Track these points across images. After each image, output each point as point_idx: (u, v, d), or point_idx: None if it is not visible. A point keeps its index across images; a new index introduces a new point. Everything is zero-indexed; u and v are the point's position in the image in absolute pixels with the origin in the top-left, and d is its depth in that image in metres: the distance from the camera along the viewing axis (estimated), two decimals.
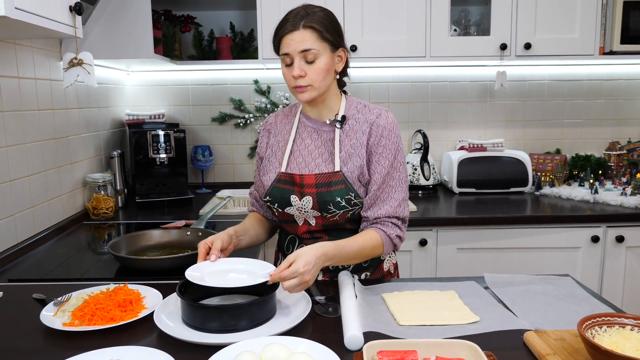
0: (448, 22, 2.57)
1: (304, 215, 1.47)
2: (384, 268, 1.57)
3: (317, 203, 1.42)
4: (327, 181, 1.42)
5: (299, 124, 1.54)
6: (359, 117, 1.47)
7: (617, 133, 3.08)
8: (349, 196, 1.42)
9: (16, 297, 1.40)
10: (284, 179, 1.47)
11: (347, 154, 1.44)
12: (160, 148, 2.63)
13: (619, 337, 0.95)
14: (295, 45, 1.37)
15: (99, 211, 2.34)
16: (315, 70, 1.38)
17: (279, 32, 1.40)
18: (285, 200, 1.46)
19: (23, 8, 1.26)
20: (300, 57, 1.38)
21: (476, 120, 3.06)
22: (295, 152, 1.50)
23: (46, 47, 2.06)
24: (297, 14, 1.39)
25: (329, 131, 1.49)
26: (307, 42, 1.36)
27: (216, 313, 1.14)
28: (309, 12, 1.39)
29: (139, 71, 2.97)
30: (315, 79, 1.39)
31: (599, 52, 2.61)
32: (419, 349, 0.97)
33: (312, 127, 1.51)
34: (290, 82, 1.42)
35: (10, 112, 1.79)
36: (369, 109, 1.49)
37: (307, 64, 1.38)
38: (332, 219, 1.45)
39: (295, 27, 1.37)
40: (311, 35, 1.37)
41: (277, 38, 1.41)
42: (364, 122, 1.46)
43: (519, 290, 1.37)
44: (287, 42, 1.38)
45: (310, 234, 1.50)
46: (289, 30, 1.37)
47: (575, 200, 2.58)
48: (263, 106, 3.00)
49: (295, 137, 1.52)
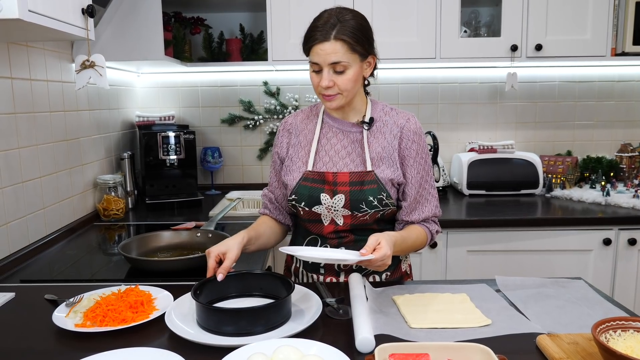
0: (458, 23, 2.56)
1: (333, 214, 1.47)
2: (402, 268, 1.60)
3: (349, 201, 1.44)
4: (359, 180, 1.44)
5: (323, 124, 1.54)
6: (387, 120, 1.50)
7: (629, 135, 3.05)
8: (381, 196, 1.44)
9: (28, 298, 1.41)
10: (312, 177, 1.47)
11: (378, 156, 1.46)
12: (170, 149, 2.64)
13: (634, 342, 0.94)
14: (325, 57, 1.36)
15: (110, 212, 2.35)
16: (344, 81, 1.39)
17: (309, 39, 1.39)
18: (314, 199, 1.46)
19: (36, 11, 1.27)
20: (329, 68, 1.38)
21: (486, 122, 3.05)
22: (320, 152, 1.50)
23: (58, 50, 2.08)
24: (327, 22, 1.36)
25: (356, 132, 1.50)
26: (337, 54, 1.36)
27: (232, 316, 1.13)
28: (340, 20, 1.36)
29: (149, 73, 2.98)
30: (343, 89, 1.40)
31: (610, 53, 2.59)
32: (431, 352, 0.96)
33: (338, 128, 1.52)
34: (318, 89, 1.42)
35: (22, 114, 1.80)
36: (396, 113, 1.52)
37: (336, 73, 1.38)
38: (362, 219, 1.46)
39: (326, 37, 1.35)
40: (341, 48, 1.35)
41: (307, 45, 1.40)
42: (393, 125, 1.49)
43: (531, 293, 1.36)
44: (316, 51, 1.37)
45: (336, 234, 1.50)
46: (319, 40, 1.36)
47: (587, 202, 2.56)
48: (272, 108, 3.00)
49: (320, 137, 1.52)
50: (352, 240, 1.49)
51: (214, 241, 1.75)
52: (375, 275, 1.54)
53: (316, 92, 1.44)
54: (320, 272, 1.53)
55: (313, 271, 1.55)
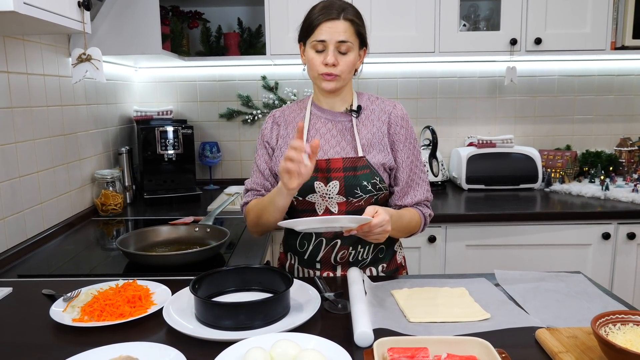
0: (457, 17, 2.55)
1: (327, 202, 1.47)
2: (397, 260, 1.61)
3: (344, 187, 1.44)
4: (352, 166, 1.45)
5: (311, 115, 1.55)
6: (374, 108, 1.53)
7: (629, 129, 3.04)
8: (374, 180, 1.45)
9: (26, 293, 1.40)
10: None
11: (368, 142, 1.49)
12: (168, 144, 2.63)
13: (634, 335, 0.94)
14: (334, 34, 1.39)
15: (108, 207, 2.34)
16: (346, 62, 1.43)
17: (318, 17, 1.41)
18: (307, 187, 1.45)
19: (32, 3, 1.26)
20: (335, 47, 1.41)
21: (485, 116, 3.04)
22: (310, 140, 1.49)
23: (54, 44, 2.06)
24: (334, 4, 1.42)
25: (344, 121, 1.52)
26: (346, 33, 1.40)
27: (231, 311, 1.13)
28: (346, 7, 1.42)
29: (146, 67, 2.97)
30: (344, 70, 1.43)
31: (610, 47, 2.58)
32: (430, 346, 0.96)
33: (326, 118, 1.53)
34: (320, 69, 1.43)
35: (19, 109, 1.79)
36: (381, 101, 1.56)
37: (340, 54, 1.42)
38: (357, 204, 1.46)
39: (338, 16, 1.40)
40: (350, 28, 1.41)
41: (314, 23, 1.41)
42: (380, 112, 1.52)
43: (530, 287, 1.36)
44: (325, 29, 1.40)
45: None
46: (332, 17, 1.39)
47: (586, 197, 2.56)
48: (271, 102, 2.99)
49: (309, 128, 1.53)
50: None
51: (212, 236, 1.76)
52: (372, 267, 1.54)
53: (314, 73, 1.45)
54: (316, 267, 1.53)
55: (309, 267, 1.54)
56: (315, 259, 1.52)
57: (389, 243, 1.58)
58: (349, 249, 1.51)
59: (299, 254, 1.56)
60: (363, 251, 1.52)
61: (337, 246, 1.50)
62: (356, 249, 1.51)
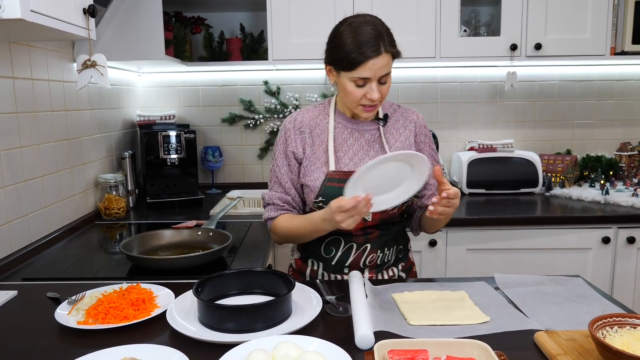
0: (458, 22, 2.57)
1: None
2: (410, 259, 1.67)
3: None
4: None
5: (335, 123, 1.54)
6: (398, 117, 1.56)
7: (629, 134, 3.05)
8: None
9: (30, 296, 1.42)
10: (337, 177, 1.45)
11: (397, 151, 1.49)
12: (171, 149, 2.65)
13: (631, 338, 0.95)
14: (377, 71, 1.36)
15: (111, 211, 2.36)
16: (385, 90, 1.43)
17: (359, 56, 1.34)
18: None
19: (38, 11, 1.28)
20: (376, 80, 1.38)
21: (486, 121, 3.06)
22: (338, 152, 1.50)
23: (59, 49, 2.08)
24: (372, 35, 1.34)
25: (371, 130, 1.53)
26: (387, 66, 1.38)
27: (234, 313, 1.14)
28: (381, 32, 1.36)
29: (149, 72, 2.99)
30: (383, 97, 1.43)
31: (610, 52, 2.60)
32: (429, 348, 0.97)
33: (353, 128, 1.53)
34: (360, 101, 1.41)
35: (24, 114, 1.81)
36: (403, 109, 1.59)
37: (380, 84, 1.40)
38: (391, 212, 1.49)
39: (378, 51, 1.34)
40: (389, 60, 1.38)
41: (356, 60, 1.35)
42: (405, 121, 1.56)
43: (530, 290, 1.37)
44: (369, 66, 1.35)
45: (363, 230, 1.51)
46: (373, 56, 1.34)
47: (586, 201, 2.57)
48: (273, 107, 3.01)
49: (335, 136, 1.52)
50: (377, 235, 1.52)
51: (215, 240, 1.77)
52: (394, 268, 1.58)
53: (353, 104, 1.43)
54: (344, 272, 1.53)
55: (336, 272, 1.55)
56: (344, 264, 1.53)
57: (404, 243, 1.63)
58: (377, 252, 1.53)
59: (324, 260, 1.55)
60: (389, 253, 1.56)
61: (367, 250, 1.52)
62: (383, 251, 1.54)
